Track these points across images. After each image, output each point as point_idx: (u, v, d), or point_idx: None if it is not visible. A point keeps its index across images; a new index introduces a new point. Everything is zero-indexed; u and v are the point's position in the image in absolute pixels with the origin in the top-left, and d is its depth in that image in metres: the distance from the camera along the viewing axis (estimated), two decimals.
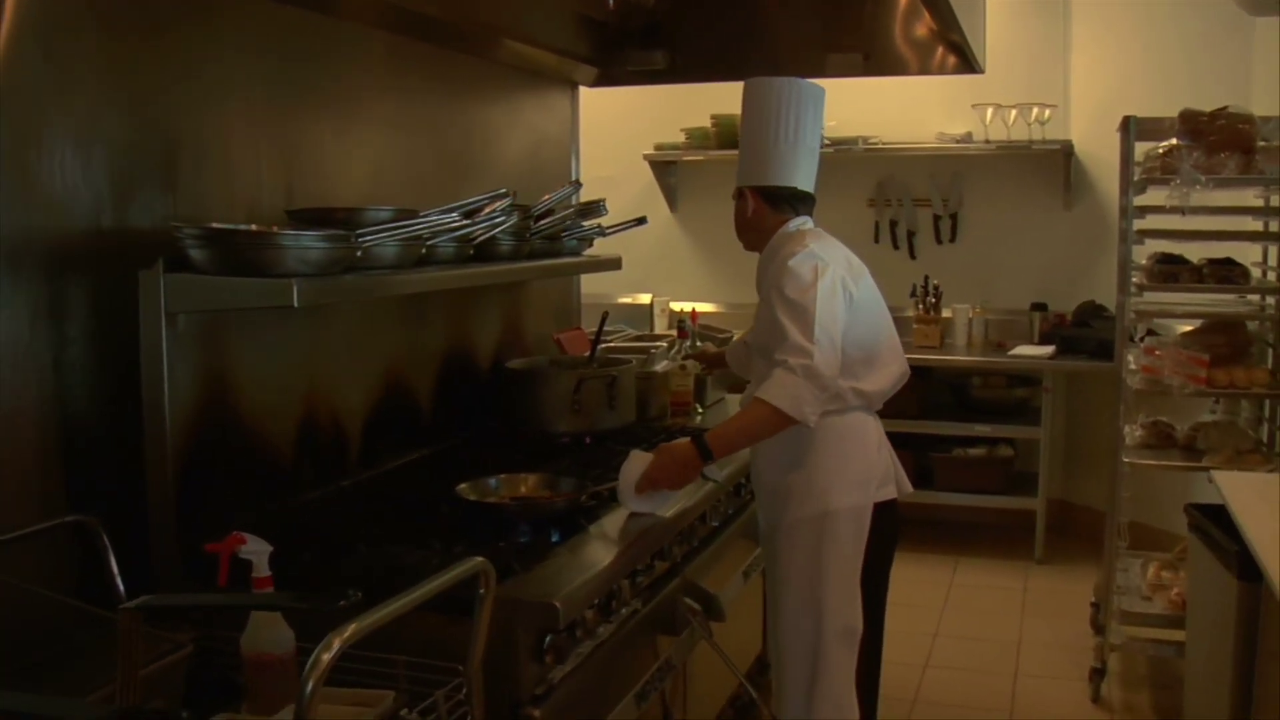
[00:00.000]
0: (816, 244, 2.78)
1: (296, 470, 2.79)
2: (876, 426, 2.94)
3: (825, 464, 2.82)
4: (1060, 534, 5.96)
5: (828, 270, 2.71)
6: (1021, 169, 6.21)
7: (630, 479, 2.74)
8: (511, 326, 3.85)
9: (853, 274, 2.81)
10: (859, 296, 2.79)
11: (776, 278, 2.75)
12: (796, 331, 2.65)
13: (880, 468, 2.89)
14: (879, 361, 2.87)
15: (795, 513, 2.84)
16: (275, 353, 2.71)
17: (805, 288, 2.67)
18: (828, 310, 2.67)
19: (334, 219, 2.52)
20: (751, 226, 2.95)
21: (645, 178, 6.84)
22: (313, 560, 2.39)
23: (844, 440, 2.83)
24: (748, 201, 2.93)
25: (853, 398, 2.81)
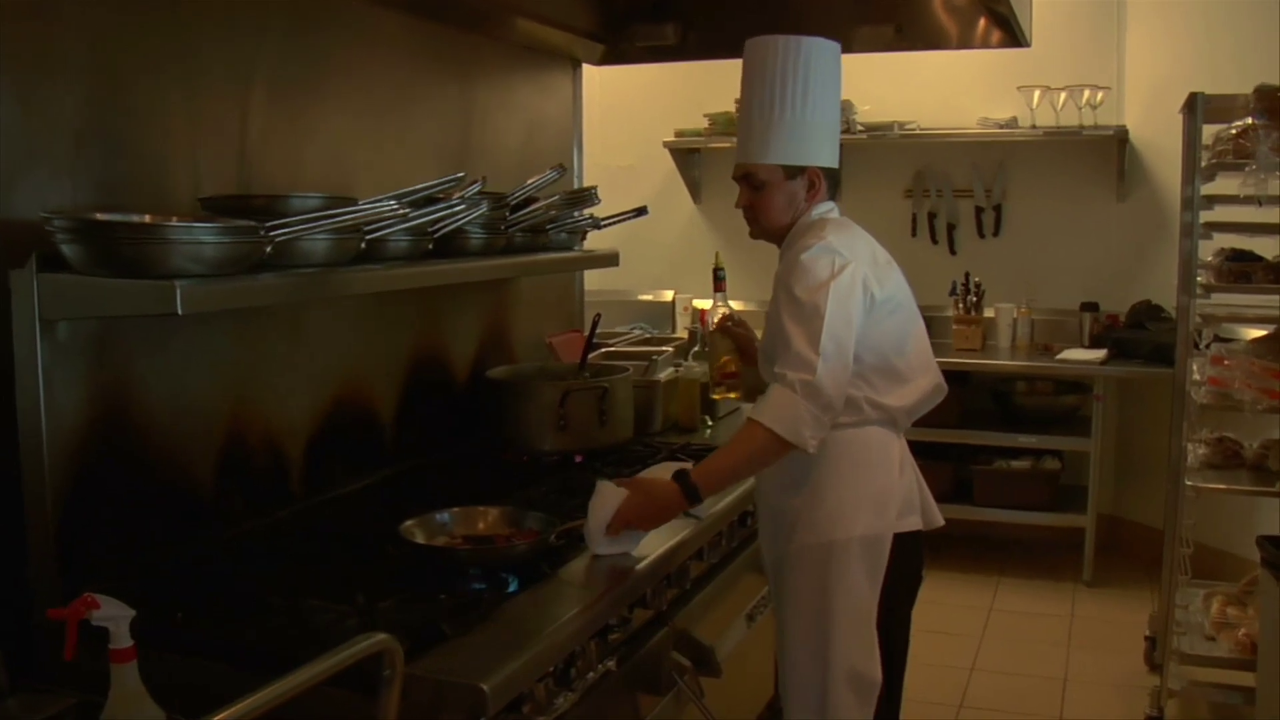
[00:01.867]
0: (837, 235, 2.41)
1: (220, 501, 2.40)
2: (900, 446, 2.54)
3: (835, 484, 2.45)
4: (1111, 554, 5.51)
5: (846, 267, 2.35)
6: (1071, 157, 5.77)
7: (600, 519, 2.34)
8: (495, 330, 3.44)
9: (878, 271, 2.44)
10: (883, 297, 2.42)
11: (787, 273, 2.41)
12: (801, 339, 2.30)
13: (902, 492, 2.50)
14: (904, 373, 2.49)
15: (800, 540, 2.47)
16: (192, 364, 2.32)
17: (817, 286, 2.33)
18: (840, 314, 2.32)
19: (251, 208, 2.13)
20: (764, 214, 2.54)
21: (666, 167, 6.45)
22: (208, 619, 2.00)
23: (858, 458, 2.46)
24: (758, 184, 2.51)
25: (870, 410, 2.44)
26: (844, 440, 2.42)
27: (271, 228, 1.99)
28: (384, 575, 2.21)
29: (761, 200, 2.51)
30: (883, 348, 2.43)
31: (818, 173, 2.49)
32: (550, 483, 2.91)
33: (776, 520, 2.55)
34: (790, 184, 2.48)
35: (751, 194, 2.52)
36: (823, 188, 2.51)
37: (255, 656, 1.84)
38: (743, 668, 2.83)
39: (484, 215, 2.66)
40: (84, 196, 2.12)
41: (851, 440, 2.44)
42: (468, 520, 2.46)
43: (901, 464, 2.51)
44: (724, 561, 2.84)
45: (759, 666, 3.09)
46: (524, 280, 3.57)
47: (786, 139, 2.46)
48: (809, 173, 2.48)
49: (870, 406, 2.43)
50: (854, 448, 2.44)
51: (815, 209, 2.51)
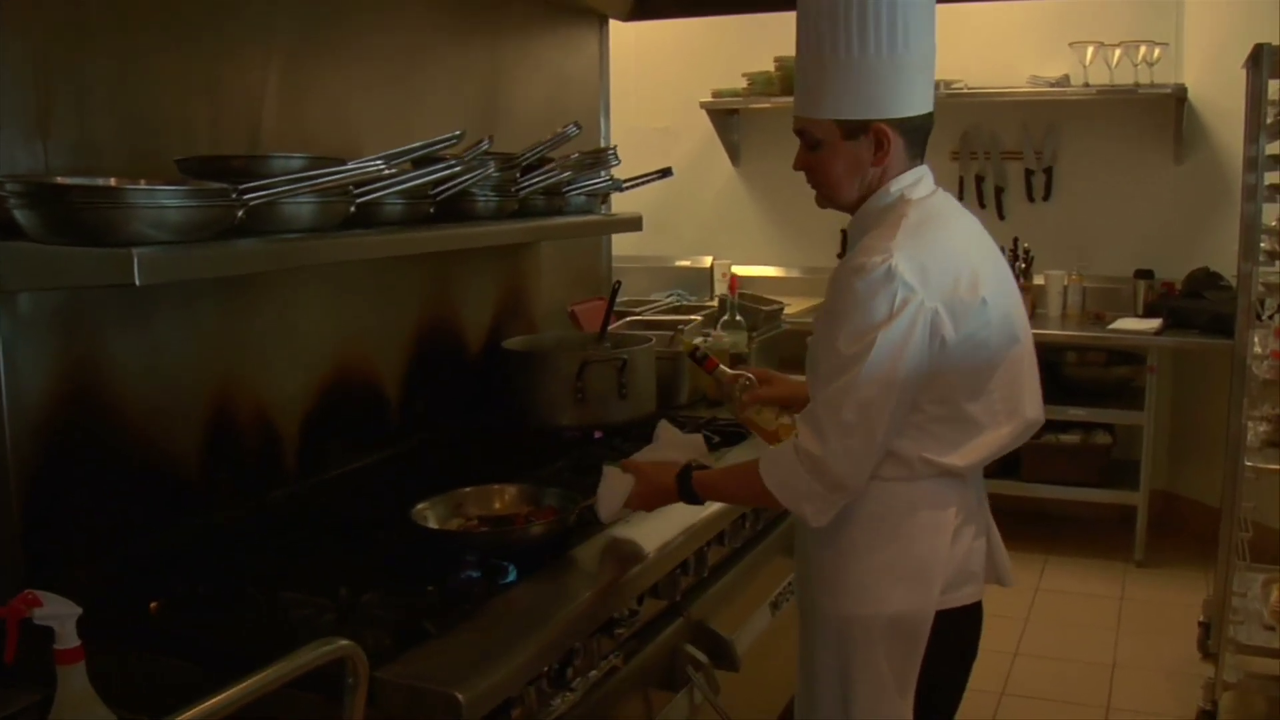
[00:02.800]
0: (911, 244, 1.89)
1: (206, 483, 2.26)
2: (962, 502, 2.02)
3: (867, 549, 2.00)
4: (1164, 532, 5.28)
5: (909, 305, 1.84)
6: (1126, 116, 5.51)
7: (610, 508, 2.22)
8: (513, 298, 3.27)
9: (958, 301, 1.90)
10: (961, 336, 1.90)
11: (837, 296, 1.93)
12: (824, 399, 1.90)
13: (956, 562, 2.01)
14: (979, 422, 1.97)
15: (822, 608, 2.07)
16: (172, 337, 2.18)
17: (863, 332, 1.85)
18: (881, 373, 1.85)
19: (229, 169, 1.97)
20: (822, 181, 2.06)
21: (704, 129, 6.25)
22: (180, 612, 1.87)
23: (900, 520, 1.99)
24: (813, 143, 2.03)
25: (924, 468, 1.97)
26: (885, 496, 1.98)
27: (245, 190, 1.84)
28: (374, 563, 2.07)
29: (817, 163, 2.03)
30: (953, 395, 1.94)
31: (885, 130, 1.95)
32: (566, 459, 2.76)
33: (806, 562, 2.14)
34: (850, 145, 1.98)
35: (807, 154, 2.04)
36: (894, 149, 1.97)
37: (220, 655, 1.70)
38: (765, 660, 2.66)
39: (493, 177, 2.49)
40: (59, 160, 1.98)
41: (894, 497, 1.98)
42: (483, 500, 2.34)
43: (960, 528, 2.01)
44: (747, 546, 2.68)
45: (784, 658, 2.91)
46: (544, 246, 3.40)
47: (842, 86, 1.95)
48: (873, 130, 1.96)
49: (924, 464, 1.96)
50: (896, 506, 1.99)
51: (896, 182, 2.00)
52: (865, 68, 1.94)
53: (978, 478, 2.09)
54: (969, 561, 2.04)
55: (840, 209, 2.08)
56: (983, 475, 2.12)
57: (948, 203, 2.08)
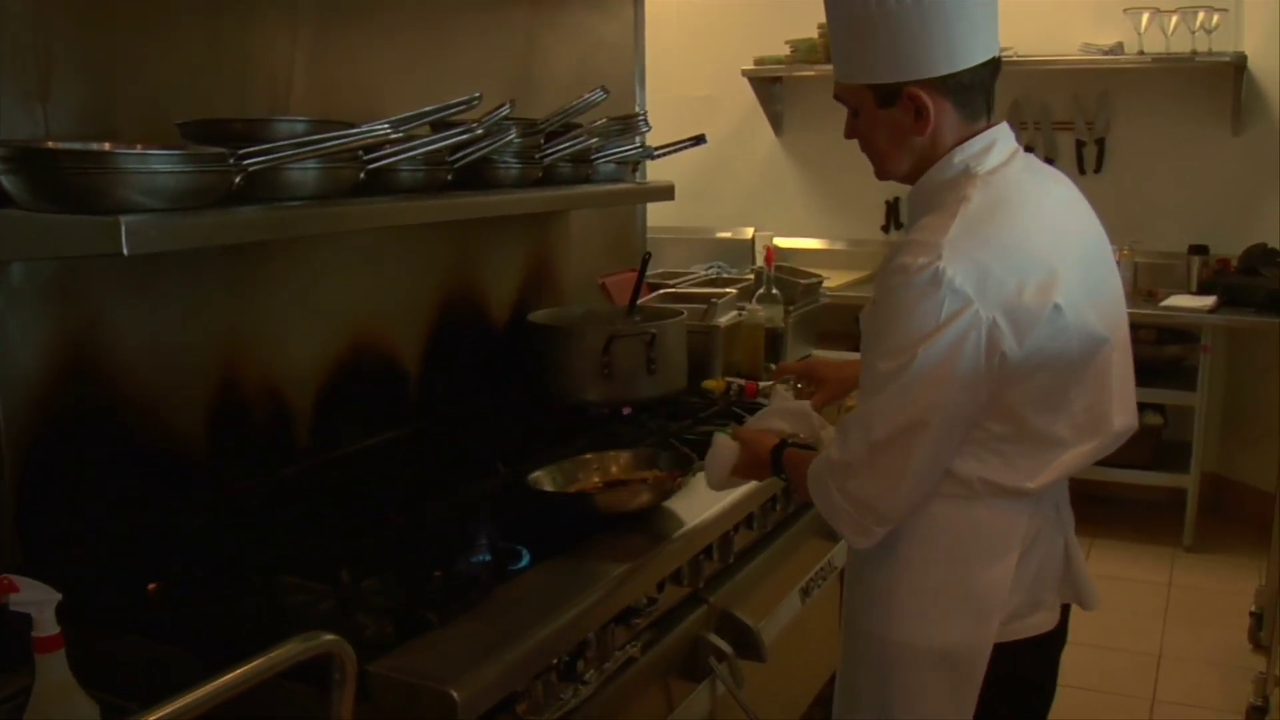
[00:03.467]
0: (968, 236, 1.62)
1: (212, 459, 2.18)
2: (1033, 521, 1.78)
3: (919, 573, 1.80)
4: (1215, 516, 5.14)
5: (960, 316, 1.59)
6: (1182, 86, 5.33)
7: (719, 475, 2.06)
8: (541, 270, 3.17)
9: (1024, 310, 1.62)
10: (1028, 351, 1.63)
11: (880, 297, 1.70)
12: (858, 415, 1.71)
13: (1022, 589, 1.78)
14: (1054, 439, 1.72)
15: (866, 628, 1.89)
16: (176, 307, 2.10)
17: (905, 345, 1.62)
18: (923, 396, 1.63)
19: (230, 133, 1.88)
20: (869, 151, 1.85)
21: (747, 98, 6.12)
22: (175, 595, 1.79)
23: (958, 544, 1.78)
24: (853, 110, 1.82)
25: (984, 489, 1.74)
26: (941, 514, 1.76)
27: (244, 155, 1.75)
28: (382, 546, 1.98)
29: (861, 132, 1.83)
30: (1020, 412, 1.69)
31: (919, 94, 1.71)
32: (592, 437, 2.66)
33: (854, 576, 1.95)
34: (886, 113, 1.75)
35: (853, 122, 1.84)
36: (939, 114, 1.72)
37: (210, 642, 1.63)
38: (794, 651, 2.56)
39: (515, 143, 2.39)
40: (60, 125, 1.90)
41: (952, 516, 1.76)
42: (600, 467, 2.31)
43: (1029, 550, 1.78)
44: (778, 529, 2.57)
45: (814, 649, 2.82)
46: (574, 216, 3.29)
47: (866, 44, 1.73)
48: (906, 94, 1.72)
49: (985, 486, 1.73)
50: (953, 527, 1.77)
51: (960, 151, 1.74)
52: (887, 22, 1.70)
53: (1059, 486, 1.85)
54: (1038, 587, 1.81)
55: (898, 180, 1.85)
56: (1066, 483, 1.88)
57: (1028, 174, 1.79)
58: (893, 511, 1.72)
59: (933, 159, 1.77)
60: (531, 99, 2.62)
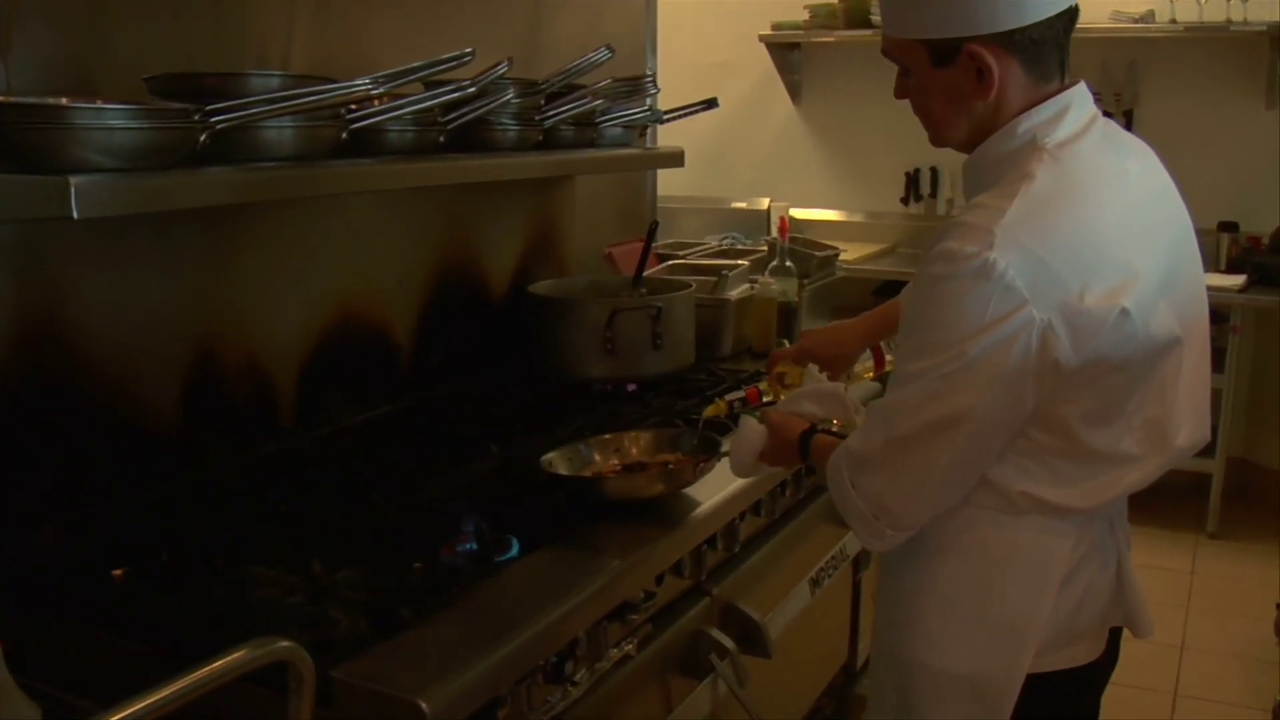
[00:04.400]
0: (1031, 225, 1.43)
1: (187, 436, 2.06)
2: (1081, 539, 1.59)
3: (947, 587, 1.63)
4: (1239, 503, 4.99)
5: (1011, 317, 1.40)
6: (1215, 56, 5.14)
7: (744, 461, 1.90)
8: (543, 239, 3.03)
9: (1086, 308, 1.42)
10: (1085, 359, 1.44)
11: (920, 285, 1.52)
12: (884, 405, 1.54)
13: (1062, 616, 1.60)
14: (1108, 458, 1.54)
15: (887, 639, 1.74)
16: (148, 274, 1.97)
17: (941, 345, 1.44)
18: (961, 402, 1.44)
19: (200, 88, 1.74)
20: (922, 114, 1.64)
21: (764, 64, 5.95)
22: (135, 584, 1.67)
23: (994, 560, 1.59)
24: (904, 69, 1.62)
25: (1026, 503, 1.55)
26: (976, 528, 1.58)
27: (212, 112, 1.62)
28: (363, 531, 1.86)
29: (913, 93, 1.62)
30: (1071, 425, 1.50)
31: (982, 52, 1.49)
32: (593, 416, 2.53)
33: (881, 582, 1.80)
34: (943, 74, 1.54)
35: (903, 82, 1.63)
36: (1004, 76, 1.51)
37: (169, 637, 1.51)
38: (802, 645, 2.44)
39: (513, 104, 2.25)
40: (21, 80, 1.76)
41: (988, 531, 1.58)
42: (615, 446, 2.15)
43: (1074, 572, 1.59)
44: (787, 516, 2.43)
45: (824, 640, 2.69)
46: (579, 182, 3.15)
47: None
48: (966, 52, 1.50)
49: (1027, 500, 1.54)
50: (989, 543, 1.58)
51: (1025, 119, 1.52)
52: None
53: (1114, 503, 1.65)
54: (1081, 614, 1.61)
55: (954, 148, 1.63)
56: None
57: (1106, 148, 1.56)
58: (908, 516, 1.55)
59: (994, 126, 1.55)
60: (538, 65, 2.47)
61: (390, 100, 1.94)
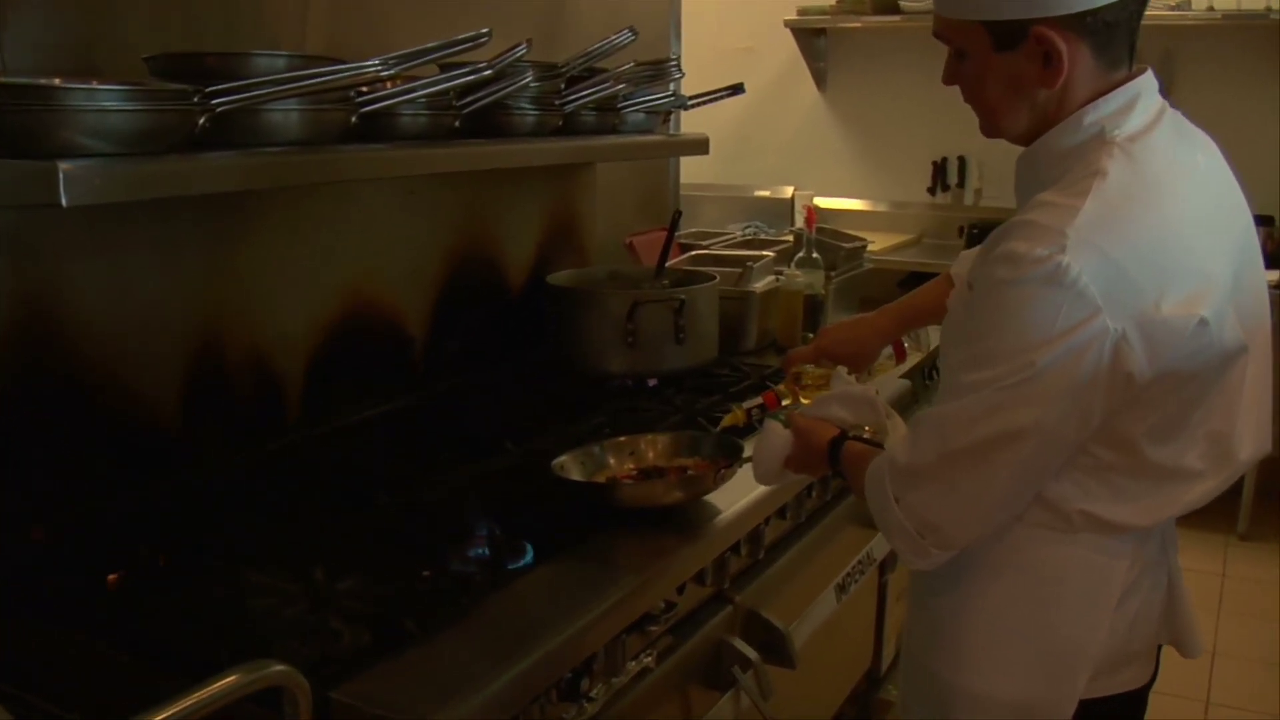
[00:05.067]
0: (1106, 226, 1.32)
1: (189, 433, 1.98)
2: (1136, 559, 1.50)
3: (994, 606, 1.54)
4: (1271, 502, 4.86)
5: (1084, 326, 1.29)
6: (1253, 44, 5.01)
7: (768, 468, 1.79)
8: (563, 228, 2.94)
9: (1164, 318, 1.32)
10: (1158, 371, 1.34)
11: (979, 290, 1.40)
12: (935, 417, 1.43)
13: (1117, 639, 1.51)
14: (1171, 473, 1.44)
15: (925, 661, 1.64)
16: (148, 264, 1.89)
17: (1004, 354, 1.33)
18: (1026, 417, 1.34)
19: (202, 69, 1.65)
20: (976, 103, 1.51)
21: (789, 50, 5.84)
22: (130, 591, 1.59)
23: (1046, 580, 1.50)
24: (959, 52, 1.49)
25: (1083, 521, 1.46)
26: (1027, 546, 1.49)
27: (213, 94, 1.53)
28: (370, 534, 1.77)
29: (966, 78, 1.50)
30: (1135, 441, 1.41)
31: (1052, 36, 1.38)
32: (612, 412, 2.44)
33: (917, 597, 1.69)
34: (1005, 59, 1.42)
35: (956, 64, 1.51)
36: (1074, 61, 1.40)
37: (163, 651, 1.42)
38: (827, 654, 2.35)
39: (531, 88, 2.16)
40: (19, 61, 1.68)
41: (1040, 550, 1.49)
42: (630, 450, 2.05)
43: (1128, 592, 1.50)
44: (812, 519, 2.34)
45: (849, 646, 2.60)
46: (601, 170, 3.05)
47: None
48: (1033, 36, 1.39)
49: (1084, 519, 1.46)
50: (1041, 566, 1.50)
51: (1092, 110, 1.41)
52: None
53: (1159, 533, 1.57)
54: (1134, 635, 1.53)
55: (1009, 140, 1.51)
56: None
57: (1178, 142, 1.46)
58: (960, 536, 1.45)
59: (1058, 117, 1.44)
60: (560, 48, 2.37)
61: (403, 83, 1.85)
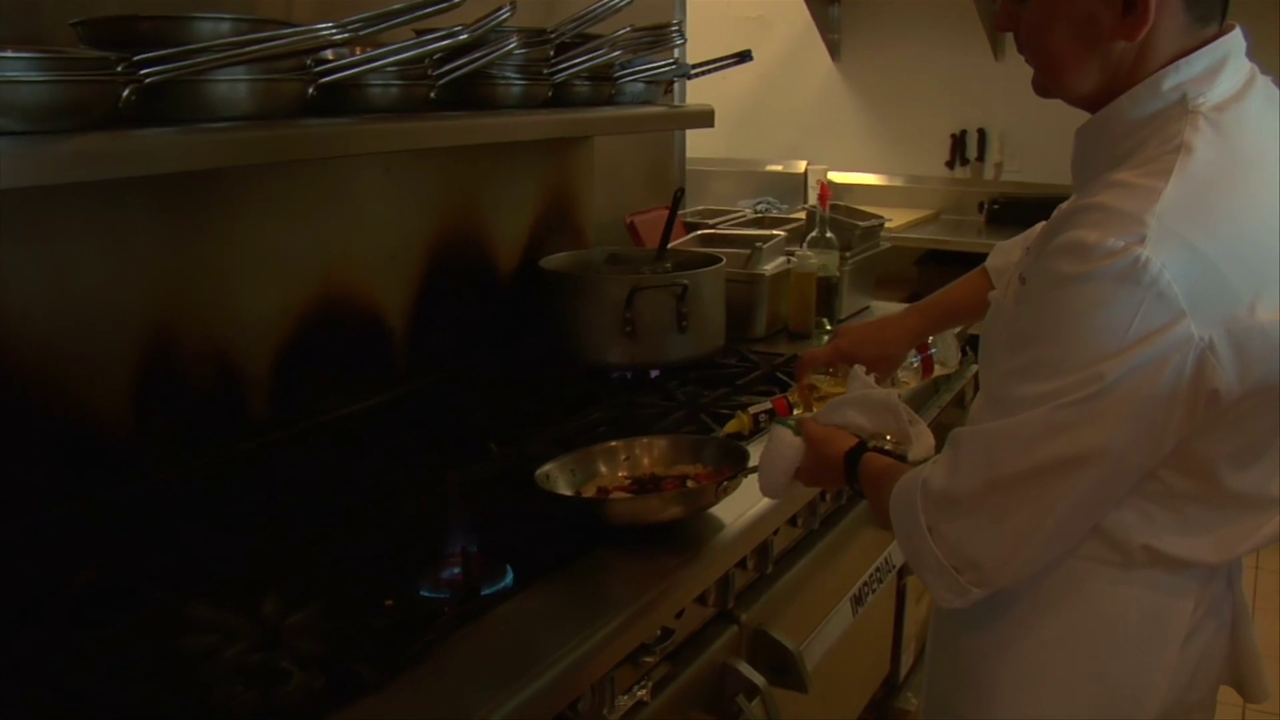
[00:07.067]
0: (1193, 212, 1.13)
1: (141, 436, 1.79)
2: (1202, 597, 1.31)
3: (1032, 649, 1.35)
4: None
5: (1165, 333, 1.10)
6: None
7: (775, 480, 1.60)
8: (557, 208, 2.74)
9: (1259, 324, 1.13)
10: (1250, 386, 1.15)
11: (1037, 287, 1.21)
12: (979, 436, 1.22)
13: (1179, 685, 1.32)
14: (1251, 502, 1.26)
15: (955, 704, 1.47)
16: (88, 247, 1.70)
17: (1071, 365, 1.14)
18: (1095, 437, 1.14)
19: (136, 34, 1.47)
20: (1037, 53, 1.30)
21: (802, 19, 5.62)
22: (55, 627, 1.40)
23: (1101, 622, 1.31)
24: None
25: (1144, 556, 1.26)
26: (1081, 589, 1.30)
27: (141, 62, 1.34)
28: (332, 554, 1.59)
29: (1029, 23, 1.28)
30: (1213, 464, 1.21)
31: None
32: (611, 407, 2.26)
33: (944, 630, 1.51)
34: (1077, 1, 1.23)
35: (1013, 8, 1.29)
36: (1164, 10, 1.19)
37: (89, 700, 1.24)
38: (843, 673, 2.17)
39: (516, 55, 1.97)
40: None
41: (1094, 594, 1.30)
42: (629, 457, 1.86)
43: (1190, 639, 1.31)
44: (826, 525, 2.15)
45: (866, 659, 2.41)
46: (599, 144, 2.85)
47: None
48: None
49: (1148, 555, 1.26)
50: (1095, 607, 1.30)
51: (1173, 72, 1.21)
52: None
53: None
54: (1195, 684, 1.33)
55: (1070, 101, 1.30)
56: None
57: (1270, 114, 1.24)
58: (1004, 575, 1.24)
59: (1132, 79, 1.23)
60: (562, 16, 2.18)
61: (370, 49, 1.66)
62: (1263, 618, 3.71)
